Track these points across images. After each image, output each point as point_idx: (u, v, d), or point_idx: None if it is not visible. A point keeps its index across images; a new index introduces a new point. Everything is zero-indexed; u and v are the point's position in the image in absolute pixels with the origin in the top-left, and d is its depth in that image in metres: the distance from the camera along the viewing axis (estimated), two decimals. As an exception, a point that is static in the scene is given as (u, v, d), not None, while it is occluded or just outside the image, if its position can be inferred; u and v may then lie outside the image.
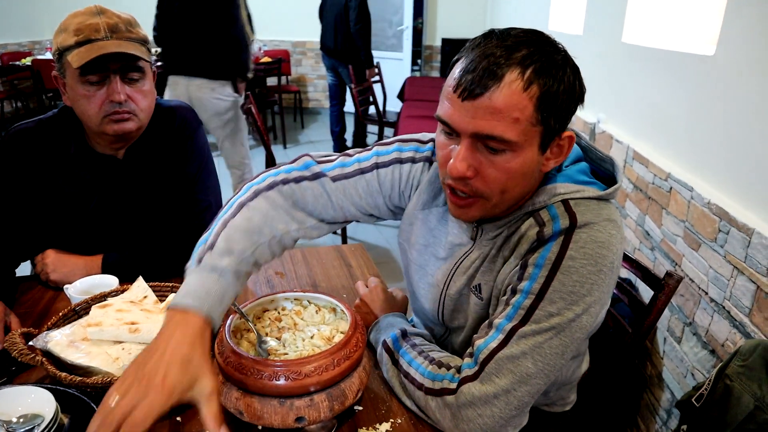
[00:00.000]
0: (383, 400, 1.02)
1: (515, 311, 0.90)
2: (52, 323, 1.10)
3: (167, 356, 0.79)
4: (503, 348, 0.89)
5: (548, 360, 0.89)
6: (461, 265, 1.04)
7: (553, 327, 0.88)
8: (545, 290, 0.88)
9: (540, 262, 0.90)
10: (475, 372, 0.90)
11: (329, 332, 0.98)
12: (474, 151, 0.87)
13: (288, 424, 0.88)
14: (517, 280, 0.92)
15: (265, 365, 0.86)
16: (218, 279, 0.91)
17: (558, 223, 0.90)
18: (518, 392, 0.89)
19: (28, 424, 0.90)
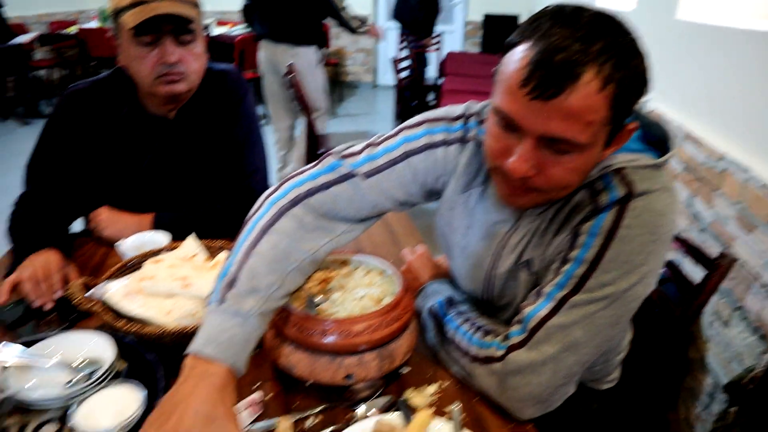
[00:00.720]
0: (429, 364, 1.03)
1: (567, 279, 0.89)
2: (108, 275, 1.13)
3: (190, 415, 0.76)
4: (553, 316, 0.88)
5: (599, 330, 0.88)
6: (508, 243, 1.01)
7: (607, 297, 0.86)
8: (599, 259, 0.86)
9: (594, 230, 0.88)
10: (523, 339, 0.90)
11: (379, 294, 0.99)
12: (537, 150, 0.81)
13: (337, 381, 0.89)
14: (569, 248, 0.91)
15: (317, 322, 0.87)
16: (242, 324, 0.86)
17: (614, 193, 0.88)
18: (567, 361, 0.88)
19: (90, 367, 0.94)
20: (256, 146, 1.54)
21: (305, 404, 0.93)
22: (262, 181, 1.52)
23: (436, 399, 0.95)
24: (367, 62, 8.12)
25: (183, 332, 0.97)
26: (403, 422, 0.86)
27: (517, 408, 0.90)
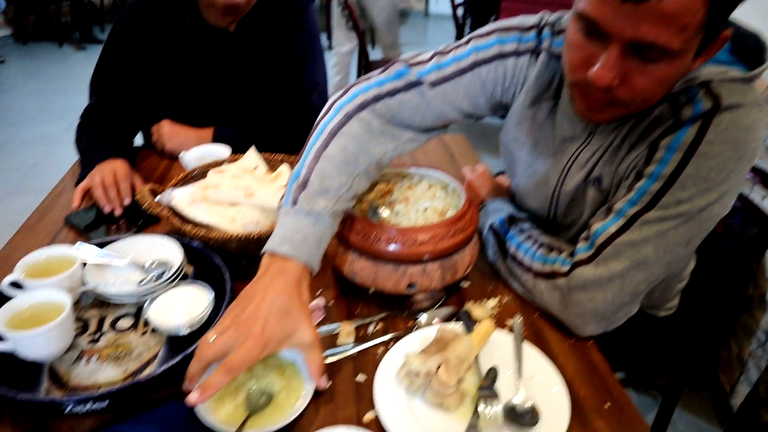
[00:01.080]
0: (489, 280, 1.03)
1: (640, 196, 0.85)
2: (173, 183, 1.16)
3: (265, 306, 0.77)
4: (624, 233, 0.86)
5: (671, 248, 0.85)
6: (577, 160, 0.98)
7: (682, 214, 0.83)
8: (677, 175, 0.82)
9: (674, 145, 0.83)
10: (590, 255, 0.88)
11: (443, 206, 0.98)
12: (624, 59, 0.75)
13: (400, 289, 0.90)
14: (645, 164, 0.87)
15: (381, 229, 0.88)
16: (315, 223, 0.86)
17: (699, 106, 0.82)
18: (634, 278, 0.86)
19: (160, 269, 0.98)
20: (317, 61, 1.52)
21: (366, 311, 0.95)
22: (321, 96, 1.51)
23: (496, 313, 0.95)
24: (418, -11, 7.82)
25: (248, 238, 0.99)
26: (465, 331, 0.87)
27: (579, 324, 0.90)
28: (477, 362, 0.83)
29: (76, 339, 0.88)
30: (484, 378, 0.80)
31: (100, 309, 0.95)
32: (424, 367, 0.74)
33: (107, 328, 0.91)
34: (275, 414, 0.76)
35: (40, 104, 4.45)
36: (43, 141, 3.83)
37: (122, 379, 0.81)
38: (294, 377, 0.81)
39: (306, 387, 0.79)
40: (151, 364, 0.84)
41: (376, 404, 0.76)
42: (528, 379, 0.81)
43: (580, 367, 0.86)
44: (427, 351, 0.78)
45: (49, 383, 0.81)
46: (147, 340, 0.89)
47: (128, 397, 0.78)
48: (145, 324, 0.92)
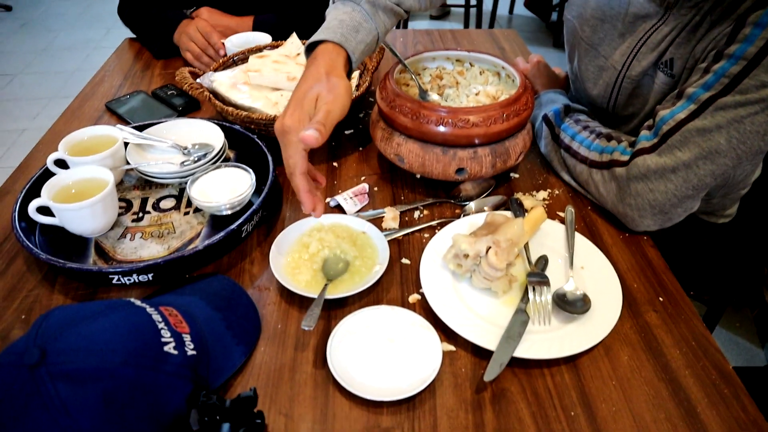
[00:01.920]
0: (540, 171, 0.98)
1: (717, 79, 0.78)
2: (214, 68, 1.12)
3: (311, 73, 0.74)
4: (694, 119, 0.79)
5: (746, 138, 0.78)
6: (648, 40, 0.90)
7: (764, 99, 0.75)
8: (764, 55, 0.74)
9: (765, 20, 0.74)
10: (654, 143, 0.82)
11: (495, 91, 0.92)
12: None
13: (448, 174, 0.86)
14: (726, 43, 0.78)
15: (432, 110, 0.83)
16: (352, 10, 0.81)
17: None
18: (700, 170, 0.80)
19: (202, 150, 0.95)
20: None
21: (412, 198, 0.92)
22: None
23: (547, 205, 0.91)
24: None
25: (290, 122, 0.96)
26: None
27: (635, 217, 0.85)
28: (527, 250, 0.79)
29: (121, 217, 0.88)
30: (534, 265, 0.77)
31: (142, 190, 0.94)
32: (472, 249, 0.71)
33: (150, 208, 0.90)
34: (354, 278, 0.76)
35: (79, 9, 4.41)
36: (84, 46, 3.81)
37: (166, 255, 0.81)
38: (366, 246, 0.80)
39: (381, 254, 0.78)
40: (194, 242, 0.84)
41: (422, 286, 0.74)
42: (579, 269, 0.78)
43: (634, 261, 0.83)
44: (477, 233, 0.74)
45: (95, 257, 0.81)
46: (189, 220, 0.88)
47: (172, 271, 0.78)
48: (188, 204, 0.91)
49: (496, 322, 0.70)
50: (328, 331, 0.69)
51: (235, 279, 0.79)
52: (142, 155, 0.97)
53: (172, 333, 0.60)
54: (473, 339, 0.67)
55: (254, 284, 0.78)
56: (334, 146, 1.05)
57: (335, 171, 0.98)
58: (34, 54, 3.69)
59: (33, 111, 3.07)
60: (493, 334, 0.68)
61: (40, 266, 0.81)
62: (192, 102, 1.17)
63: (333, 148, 1.04)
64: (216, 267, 0.81)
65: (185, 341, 0.61)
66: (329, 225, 0.83)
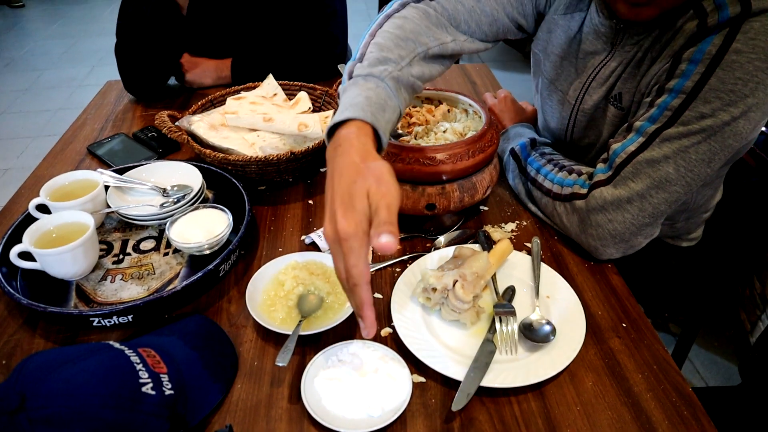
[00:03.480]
0: (509, 204, 1.02)
1: (661, 112, 0.83)
2: (192, 110, 1.16)
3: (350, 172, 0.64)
4: (643, 151, 0.83)
5: (692, 166, 0.82)
6: (597, 76, 0.96)
7: (704, 129, 0.80)
8: (700, 88, 0.79)
9: (697, 56, 0.79)
10: (609, 176, 0.86)
11: (462, 128, 0.97)
12: None
13: (418, 210, 0.90)
14: (666, 78, 0.83)
15: (400, 149, 0.86)
16: (376, 87, 0.76)
17: (726, 11, 0.78)
18: (654, 198, 0.84)
19: (181, 192, 0.98)
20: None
21: (385, 234, 0.95)
22: (340, 25, 1.47)
23: (514, 236, 0.95)
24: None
25: (267, 161, 0.99)
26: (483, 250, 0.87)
27: (598, 246, 0.88)
28: (494, 281, 0.83)
29: (101, 260, 0.90)
30: (501, 296, 0.81)
31: (123, 232, 0.97)
32: (440, 283, 0.74)
33: (130, 250, 0.93)
34: (327, 314, 0.78)
35: (63, 47, 4.46)
36: (68, 84, 3.85)
37: (145, 296, 0.84)
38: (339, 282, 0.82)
39: None
40: (173, 282, 0.86)
41: (393, 320, 0.77)
42: (545, 299, 0.81)
43: (599, 288, 0.86)
44: (444, 267, 0.78)
45: (76, 300, 0.83)
46: (169, 260, 0.91)
47: (151, 312, 0.80)
48: (167, 245, 0.93)
49: (465, 353, 0.73)
50: (302, 366, 0.72)
51: (213, 318, 0.81)
52: (122, 198, 0.99)
53: (150, 374, 0.62)
54: (442, 370, 0.70)
55: (232, 322, 0.80)
56: (310, 184, 1.08)
57: (311, 209, 1.01)
58: (18, 93, 3.72)
59: (17, 150, 3.09)
60: (462, 364, 0.71)
61: (21, 311, 0.83)
62: (172, 143, 1.21)
63: (308, 186, 1.08)
64: (195, 306, 0.83)
65: (163, 381, 0.63)
66: (304, 262, 0.86)
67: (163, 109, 1.33)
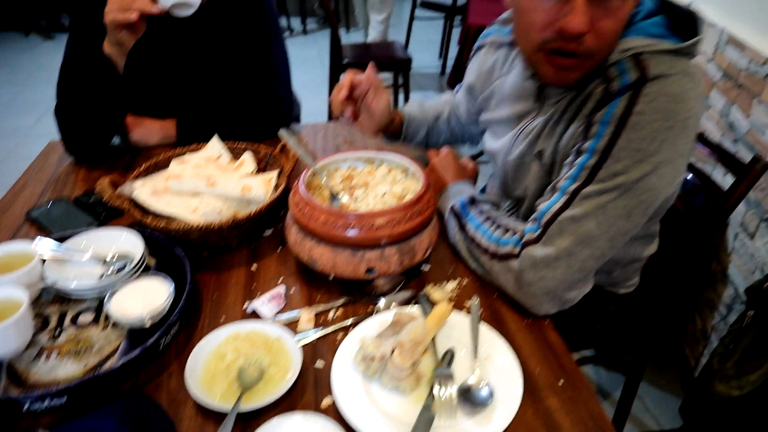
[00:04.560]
0: (450, 262, 1.05)
1: (579, 171, 0.88)
2: (135, 175, 1.15)
3: None
4: (566, 209, 0.88)
5: (612, 222, 0.87)
6: (524, 131, 1.04)
7: (618, 187, 0.85)
8: (611, 148, 0.85)
9: (606, 119, 0.86)
10: (538, 235, 0.90)
11: (401, 191, 0.99)
12: (590, 4, 0.81)
13: (359, 274, 0.91)
14: (582, 140, 0.90)
15: (339, 216, 0.88)
16: None
17: (626, 77, 0.86)
18: (580, 254, 0.88)
19: (121, 262, 0.97)
20: (277, 47, 1.50)
21: (327, 298, 0.96)
22: (284, 84, 1.50)
23: (456, 295, 0.97)
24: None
25: (209, 228, 1.00)
26: (422, 315, 0.89)
27: (533, 304, 0.92)
28: (434, 344, 0.84)
29: (36, 336, 0.88)
30: (440, 360, 0.82)
31: (60, 305, 0.95)
32: (378, 351, 0.76)
33: (68, 324, 0.91)
34: (268, 386, 0.78)
35: (8, 96, 4.36)
36: (13, 134, 3.76)
37: (82, 375, 0.82)
38: (281, 352, 0.82)
39: (294, 360, 0.80)
40: (112, 357, 0.85)
41: (333, 390, 0.77)
42: (484, 360, 0.83)
43: (536, 346, 0.88)
44: (383, 335, 0.79)
45: (7, 381, 0.80)
46: (108, 334, 0.89)
47: (88, 392, 0.78)
48: (107, 318, 0.92)
49: (405, 421, 0.73)
50: (243, 443, 0.71)
51: (153, 394, 0.79)
52: (60, 269, 0.97)
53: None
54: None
55: (172, 398, 0.79)
56: (254, 248, 1.09)
57: (253, 274, 1.02)
58: (-40, 144, 3.61)
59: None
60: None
61: (-52, 396, 0.79)
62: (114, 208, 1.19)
63: (252, 251, 1.08)
64: (134, 383, 0.82)
65: (95, 472, 0.62)
66: (245, 333, 0.85)
67: (106, 171, 1.33)
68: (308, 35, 5.89)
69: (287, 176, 1.14)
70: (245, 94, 1.46)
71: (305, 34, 5.92)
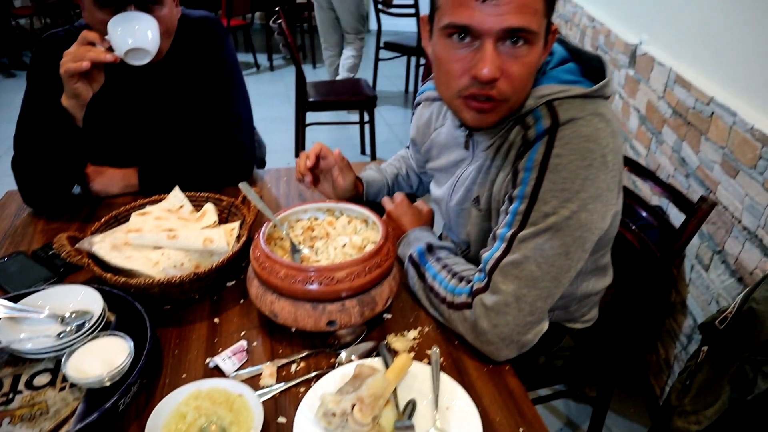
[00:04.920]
0: (411, 310, 1.06)
1: (513, 217, 0.92)
2: (95, 228, 1.15)
3: None
4: (507, 255, 0.92)
5: (552, 261, 0.90)
6: (461, 178, 1.10)
7: (551, 226, 0.89)
8: (537, 191, 0.90)
9: (528, 165, 0.91)
10: (485, 284, 0.93)
11: (361, 242, 1.01)
12: (498, 52, 0.87)
13: (320, 327, 0.92)
14: (512, 187, 0.95)
15: (299, 270, 0.89)
16: None
17: (541, 124, 0.92)
18: (528, 297, 0.91)
19: (80, 319, 0.96)
20: (238, 94, 1.51)
21: (289, 351, 0.96)
22: (246, 131, 1.51)
23: (417, 344, 0.98)
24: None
25: (170, 283, 0.99)
26: (383, 366, 0.89)
27: (492, 351, 0.93)
28: (395, 396, 0.85)
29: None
30: (401, 412, 0.83)
31: (15, 366, 0.93)
32: (339, 408, 0.76)
33: (22, 387, 0.89)
34: None
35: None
36: (-28, 175, 3.67)
37: (35, 442, 0.80)
38: (242, 410, 0.82)
39: (256, 418, 0.80)
40: (68, 422, 0.83)
41: (295, 447, 0.77)
42: (445, 410, 0.84)
43: (496, 393, 0.90)
44: (343, 390, 0.79)
45: (-44, 451, 0.78)
46: (65, 396, 0.87)
47: (42, 459, 0.77)
48: (64, 379, 0.90)
49: (367, 478, 0.74)
50: None
51: (110, 458, 0.78)
52: (15, 329, 0.96)
53: None
54: (343, 501, 0.70)
55: (130, 463, 0.78)
56: (216, 300, 1.08)
57: (216, 328, 1.01)
58: None
59: None
60: (363, 491, 0.71)
61: None
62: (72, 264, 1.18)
63: (214, 303, 1.08)
64: (91, 448, 0.80)
65: None
66: (206, 391, 0.85)
67: (66, 222, 1.32)
68: (275, 71, 5.95)
69: (249, 226, 1.14)
70: (207, 142, 1.47)
71: (272, 70, 5.98)
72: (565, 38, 1.05)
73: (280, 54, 6.29)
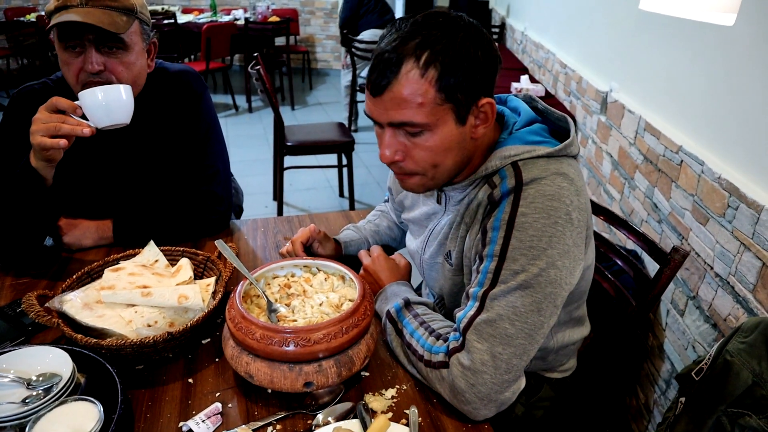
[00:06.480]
0: (389, 366, 1.05)
1: (484, 276, 0.94)
2: (66, 285, 1.12)
3: None
4: (480, 314, 0.92)
5: (525, 318, 0.91)
6: (433, 232, 1.12)
7: (521, 284, 0.90)
8: (506, 250, 0.91)
9: (496, 224, 0.93)
10: (461, 343, 0.93)
11: (338, 299, 1.00)
12: (397, 137, 0.94)
13: (297, 388, 0.90)
14: (482, 246, 0.96)
15: (275, 331, 0.88)
16: None
17: (505, 184, 0.95)
18: (503, 355, 0.91)
19: (47, 383, 0.93)
20: (216, 147, 1.52)
21: (265, 412, 0.94)
22: (222, 184, 1.51)
23: (395, 403, 0.97)
24: (337, 49, 8.05)
25: (143, 344, 0.97)
26: (361, 428, 0.88)
27: (471, 410, 0.92)
28: (373, 461, 0.83)
29: (-51, 473, 0.82)
30: (379, 478, 0.81)
31: (-22, 434, 0.89)
32: (316, 477, 0.74)
33: (-15, 457, 0.85)
34: None
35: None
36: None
37: None
38: None
39: None
40: (32, 495, 0.79)
41: None
42: (424, 474, 0.83)
43: (476, 453, 0.89)
44: (320, 458, 0.78)
45: None
46: (29, 467, 0.84)
47: None
48: (29, 448, 0.87)
49: None
50: None
51: None
52: (-21, 395, 0.92)
53: None
54: None
55: None
56: (191, 359, 1.06)
57: (190, 388, 0.99)
58: None
59: None
60: None
61: None
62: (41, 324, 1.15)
63: (189, 361, 1.05)
64: None
65: None
66: (178, 459, 0.82)
67: (35, 278, 1.29)
68: (253, 113, 5.99)
69: (225, 282, 1.13)
70: (184, 194, 1.46)
71: (251, 111, 6.02)
72: (534, 98, 1.08)
73: (259, 96, 6.34)
